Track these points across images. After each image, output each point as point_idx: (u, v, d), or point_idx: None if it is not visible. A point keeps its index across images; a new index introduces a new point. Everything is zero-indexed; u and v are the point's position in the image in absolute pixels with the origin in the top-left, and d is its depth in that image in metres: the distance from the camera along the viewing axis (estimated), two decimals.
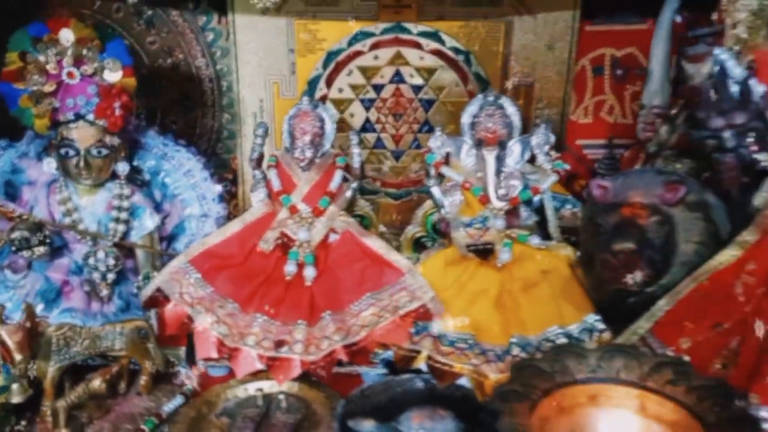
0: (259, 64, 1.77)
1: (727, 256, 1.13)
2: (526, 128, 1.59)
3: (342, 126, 1.74)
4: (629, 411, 1.01)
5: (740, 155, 1.11)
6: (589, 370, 1.03)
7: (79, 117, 1.43)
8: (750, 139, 1.12)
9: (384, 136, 1.85)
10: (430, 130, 1.79)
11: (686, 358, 1.12)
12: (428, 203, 1.65)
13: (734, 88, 1.15)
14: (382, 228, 1.67)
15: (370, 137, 1.85)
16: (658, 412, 0.99)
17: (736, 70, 1.11)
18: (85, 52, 1.43)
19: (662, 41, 1.16)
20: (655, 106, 1.16)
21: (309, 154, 1.47)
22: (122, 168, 1.47)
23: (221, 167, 1.83)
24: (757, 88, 1.12)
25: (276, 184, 1.46)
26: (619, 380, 1.02)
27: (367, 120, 1.83)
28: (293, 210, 1.43)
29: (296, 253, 1.39)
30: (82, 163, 1.44)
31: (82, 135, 1.44)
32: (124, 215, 1.46)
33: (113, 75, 1.42)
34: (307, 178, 1.47)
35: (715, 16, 1.23)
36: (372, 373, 1.38)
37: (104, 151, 1.45)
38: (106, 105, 1.42)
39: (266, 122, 1.61)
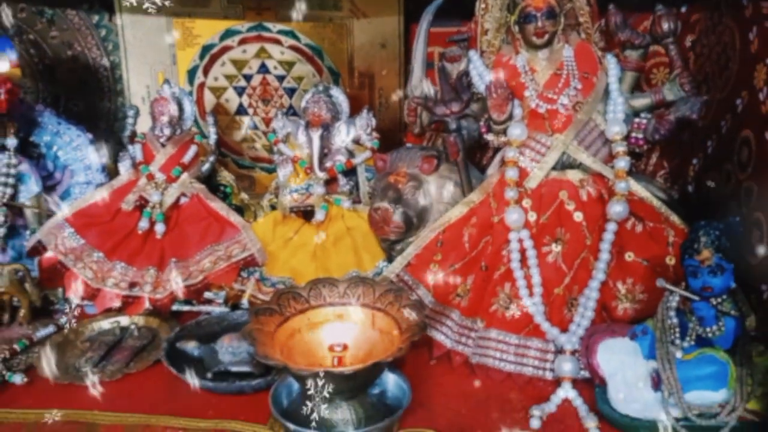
0: (144, 55, 2.08)
1: (457, 212, 1.45)
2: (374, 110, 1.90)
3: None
4: (364, 325, 1.33)
5: (461, 135, 1.43)
6: (339, 295, 1.36)
7: None
8: (481, 123, 1.44)
9: (256, 119, 2.16)
10: (296, 114, 2.10)
11: (426, 291, 1.46)
12: None
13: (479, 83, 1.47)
14: (243, 195, 1.98)
15: (245, 119, 2.16)
16: (381, 324, 1.31)
17: (453, 70, 1.44)
18: None
19: (421, 45, 1.46)
20: (416, 97, 1.46)
21: (167, 132, 1.78)
22: (11, 142, 1.77)
23: (119, 143, 2.13)
24: (480, 81, 1.43)
25: (139, 156, 1.78)
26: (358, 303, 1.35)
27: (241, 105, 2.15)
28: (150, 177, 1.74)
29: (149, 212, 1.69)
30: None
31: None
32: (11, 180, 1.76)
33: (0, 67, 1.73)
34: (164, 152, 1.77)
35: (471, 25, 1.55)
36: (217, 311, 1.71)
37: None
38: None
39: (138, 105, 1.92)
